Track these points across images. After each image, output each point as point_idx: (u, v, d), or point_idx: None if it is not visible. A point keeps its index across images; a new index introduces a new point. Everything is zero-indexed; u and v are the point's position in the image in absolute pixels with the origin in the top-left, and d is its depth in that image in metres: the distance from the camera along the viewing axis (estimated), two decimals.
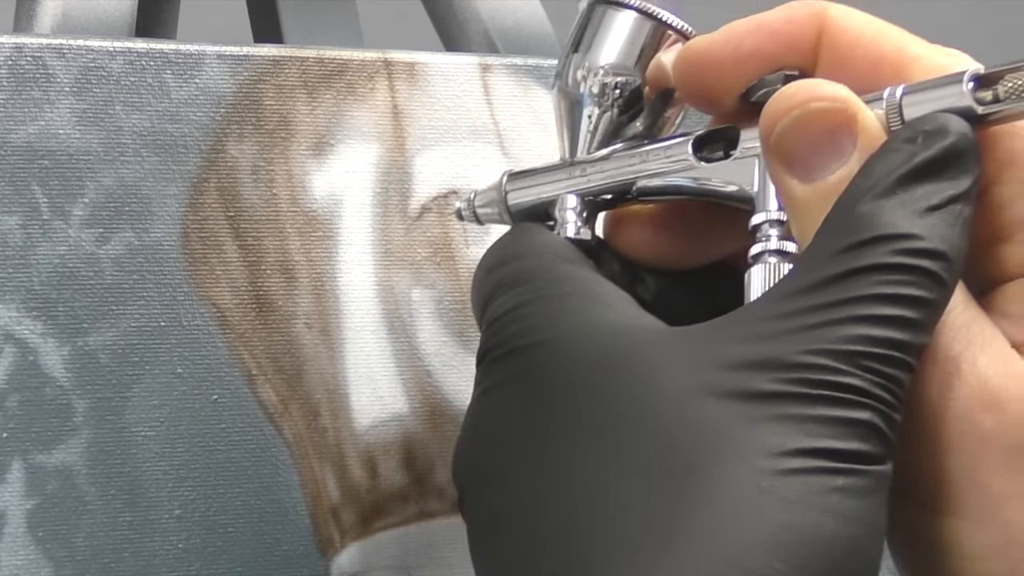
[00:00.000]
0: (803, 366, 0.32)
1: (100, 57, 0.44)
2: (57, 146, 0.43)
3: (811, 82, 0.35)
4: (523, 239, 0.39)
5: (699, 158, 0.38)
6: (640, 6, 0.39)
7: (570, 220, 0.39)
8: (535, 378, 0.35)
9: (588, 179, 0.40)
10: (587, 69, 0.39)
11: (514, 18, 0.55)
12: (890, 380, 0.32)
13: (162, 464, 0.43)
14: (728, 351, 0.32)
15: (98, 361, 0.43)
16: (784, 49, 0.36)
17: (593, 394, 0.33)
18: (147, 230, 0.44)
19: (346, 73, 0.47)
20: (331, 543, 0.45)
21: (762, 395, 0.31)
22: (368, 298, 0.46)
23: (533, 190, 0.41)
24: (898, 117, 0.34)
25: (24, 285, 0.42)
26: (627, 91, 0.39)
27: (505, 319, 0.36)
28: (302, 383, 0.45)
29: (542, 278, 0.37)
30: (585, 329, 0.35)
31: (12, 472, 0.42)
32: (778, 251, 0.35)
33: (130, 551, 0.43)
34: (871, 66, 0.36)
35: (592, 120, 0.39)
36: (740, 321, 0.33)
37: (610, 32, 0.39)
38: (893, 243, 0.32)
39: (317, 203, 0.46)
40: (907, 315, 0.32)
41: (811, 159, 0.34)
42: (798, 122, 0.34)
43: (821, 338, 0.32)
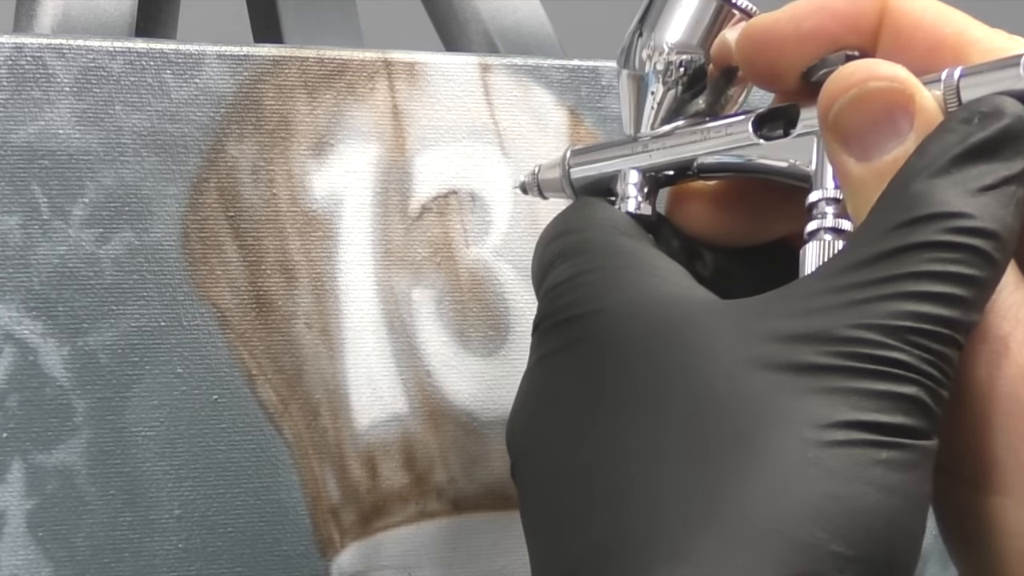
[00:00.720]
0: (851, 340, 0.32)
1: (100, 57, 0.44)
2: (57, 146, 0.43)
3: (870, 62, 0.35)
4: (584, 212, 0.39)
5: (759, 136, 0.38)
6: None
7: (631, 195, 0.40)
8: (590, 346, 0.35)
9: (650, 155, 0.40)
10: (652, 48, 0.40)
11: (514, 18, 0.55)
12: (938, 356, 0.32)
13: (162, 464, 0.43)
14: (778, 324, 0.33)
15: (98, 361, 0.43)
16: (845, 29, 0.37)
17: (646, 363, 0.34)
18: (147, 230, 0.44)
19: (346, 73, 0.47)
20: (331, 543, 0.45)
21: (810, 367, 0.32)
22: (368, 298, 0.46)
23: (596, 165, 0.41)
24: (955, 99, 0.34)
25: (24, 285, 0.42)
26: (691, 69, 0.39)
27: (563, 287, 0.37)
28: (302, 383, 0.45)
29: (601, 250, 0.37)
30: (640, 300, 0.35)
31: (12, 472, 0.42)
32: (833, 228, 0.36)
33: (130, 551, 0.43)
34: (931, 48, 0.36)
35: (656, 97, 0.40)
36: (791, 295, 0.34)
37: (675, 11, 0.40)
38: (945, 221, 0.32)
39: (317, 203, 0.46)
40: (956, 292, 0.32)
41: (868, 138, 0.35)
42: (856, 101, 0.35)
43: (870, 313, 0.32)
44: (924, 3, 0.37)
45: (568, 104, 0.49)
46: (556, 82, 0.49)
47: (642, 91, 0.40)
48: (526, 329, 0.48)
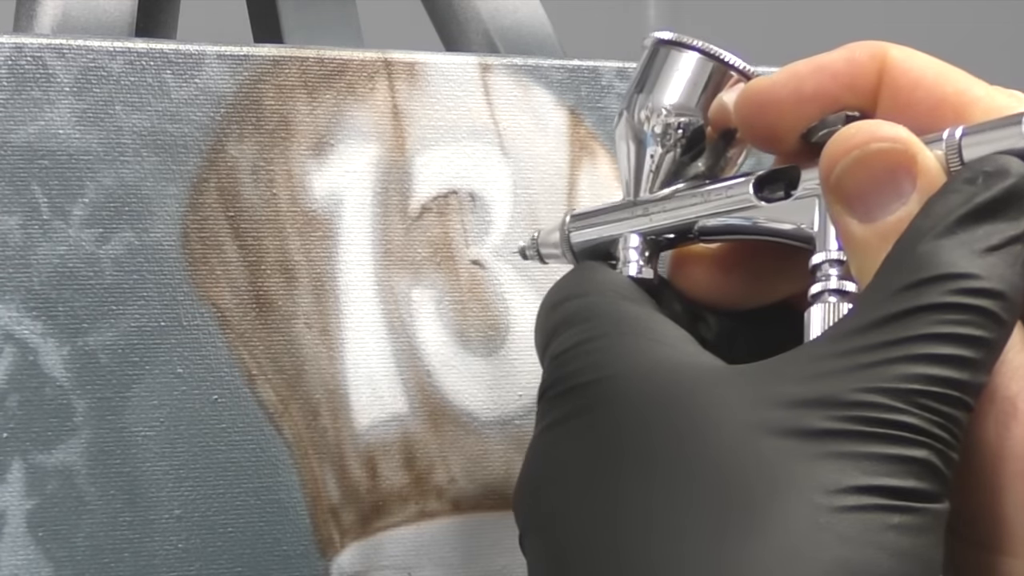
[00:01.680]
0: (860, 404, 0.32)
1: (100, 57, 0.44)
2: (57, 146, 0.43)
3: (871, 123, 0.35)
4: (586, 277, 0.39)
5: (760, 198, 0.38)
6: (703, 47, 0.39)
7: (632, 259, 0.40)
8: (597, 414, 0.35)
9: (650, 219, 0.40)
10: (650, 109, 0.39)
11: (514, 18, 0.55)
12: (947, 419, 0.32)
13: (162, 464, 0.43)
14: (786, 389, 0.33)
15: (98, 361, 0.43)
16: (844, 90, 0.37)
17: (653, 431, 0.34)
18: (147, 230, 0.44)
19: (346, 73, 0.47)
20: (331, 543, 0.45)
21: (819, 433, 0.32)
22: (368, 298, 0.46)
23: (596, 229, 0.41)
24: (957, 158, 0.34)
25: (24, 285, 0.42)
26: (689, 131, 0.39)
27: (568, 355, 0.37)
28: (302, 383, 0.45)
29: (605, 315, 0.37)
30: (647, 366, 0.35)
31: (12, 472, 0.42)
32: (837, 291, 0.35)
33: (130, 551, 0.43)
34: (932, 107, 0.36)
35: (655, 160, 0.40)
36: (798, 359, 0.33)
37: (673, 73, 0.40)
38: (952, 282, 0.32)
39: (317, 203, 0.46)
40: (965, 354, 0.32)
41: (871, 199, 0.34)
42: (858, 162, 0.34)
43: (878, 376, 0.32)
44: (924, 62, 0.37)
45: (568, 104, 0.49)
46: (556, 82, 0.49)
47: (640, 153, 0.40)
48: (526, 329, 0.48)
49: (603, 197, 0.49)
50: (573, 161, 0.49)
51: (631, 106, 0.40)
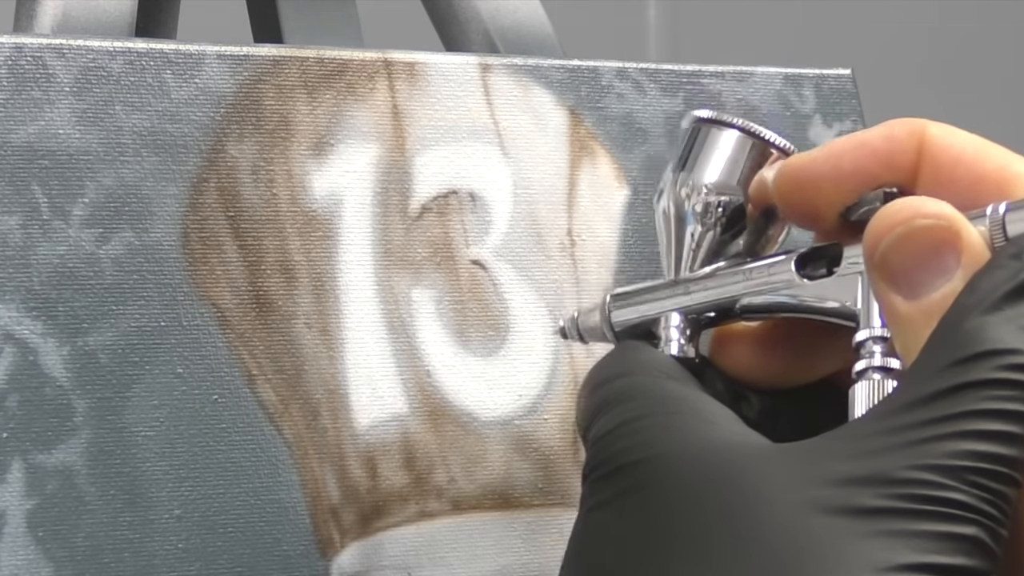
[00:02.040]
0: (908, 481, 0.32)
1: (100, 57, 0.44)
2: (57, 146, 0.43)
3: (915, 200, 0.35)
4: (628, 357, 0.39)
5: (802, 276, 0.38)
6: (743, 125, 0.39)
7: (674, 338, 0.40)
8: (645, 494, 0.35)
9: (691, 297, 0.40)
10: (691, 187, 0.39)
11: (514, 18, 0.55)
12: (997, 495, 0.32)
13: (162, 464, 0.43)
14: (834, 467, 0.33)
15: (98, 361, 0.43)
16: (883, 168, 0.37)
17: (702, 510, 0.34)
18: (147, 230, 0.44)
19: (346, 73, 0.47)
20: (331, 543, 0.45)
21: (868, 511, 0.32)
22: (368, 298, 0.46)
23: (637, 308, 0.41)
24: (1001, 233, 0.34)
25: (24, 285, 0.42)
26: (730, 209, 0.39)
27: (612, 435, 0.36)
28: (302, 383, 0.45)
29: (649, 395, 0.37)
30: (693, 446, 0.35)
31: (12, 472, 0.42)
32: (882, 367, 0.35)
33: (130, 551, 0.43)
34: (973, 183, 0.36)
35: (695, 238, 0.40)
36: (845, 437, 0.33)
37: (714, 151, 0.40)
38: (1000, 358, 0.32)
39: (317, 203, 0.46)
40: (1013, 430, 0.32)
41: (915, 276, 0.35)
42: (903, 239, 0.35)
43: (927, 453, 0.32)
44: (964, 139, 0.37)
45: (568, 104, 0.49)
46: (556, 82, 0.49)
47: (681, 232, 0.40)
48: (526, 329, 0.48)
49: (603, 197, 0.49)
50: (573, 161, 0.49)
51: (672, 184, 0.40)
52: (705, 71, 0.52)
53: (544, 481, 0.48)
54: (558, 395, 0.48)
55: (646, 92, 0.51)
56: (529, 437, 0.48)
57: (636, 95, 0.51)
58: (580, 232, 0.49)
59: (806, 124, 0.54)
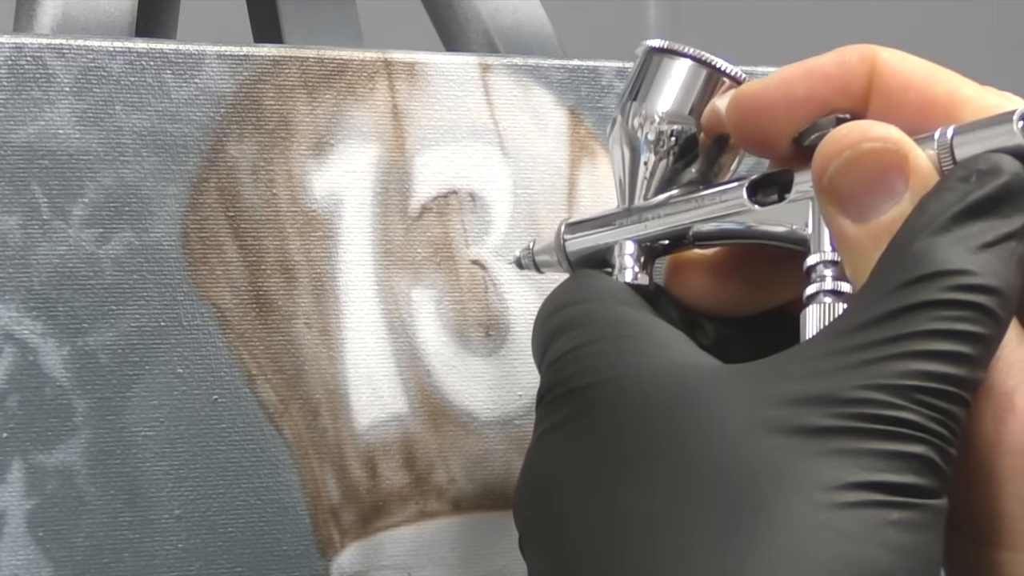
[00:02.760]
0: (858, 401, 0.32)
1: (100, 57, 0.44)
2: (57, 146, 0.43)
3: (862, 123, 0.35)
4: (583, 284, 0.40)
5: (754, 202, 0.38)
6: (695, 54, 0.39)
7: (628, 266, 0.40)
8: (596, 417, 0.35)
9: (645, 225, 0.40)
10: (643, 117, 0.40)
11: (514, 18, 0.55)
12: (945, 415, 0.32)
13: (162, 464, 0.43)
14: (784, 388, 0.33)
15: (98, 361, 0.43)
16: (835, 93, 0.37)
17: (653, 433, 0.34)
18: (147, 230, 0.44)
19: (346, 73, 0.47)
20: (331, 543, 0.45)
21: (818, 430, 0.32)
22: (368, 298, 0.46)
23: (591, 237, 0.41)
24: (949, 157, 0.34)
25: (24, 285, 0.42)
26: (683, 138, 0.39)
27: (565, 359, 0.37)
28: (302, 383, 0.45)
29: (602, 320, 0.37)
30: (645, 369, 0.35)
31: (12, 472, 0.42)
32: (833, 291, 0.36)
33: (130, 551, 0.43)
34: (922, 108, 0.36)
35: (648, 167, 0.40)
36: (796, 358, 0.34)
37: (666, 80, 0.40)
38: (948, 279, 0.32)
39: (317, 203, 0.46)
40: (962, 350, 0.32)
41: (863, 199, 0.35)
42: (850, 163, 0.35)
43: (876, 373, 0.32)
44: (914, 64, 0.37)
45: (568, 104, 0.49)
46: (556, 82, 0.49)
47: (634, 161, 0.40)
48: (526, 329, 0.48)
49: (603, 197, 0.49)
50: (573, 161, 0.50)
51: (624, 114, 0.40)
52: None
53: None
54: None
55: None
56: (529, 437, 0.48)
57: None
58: None
59: None
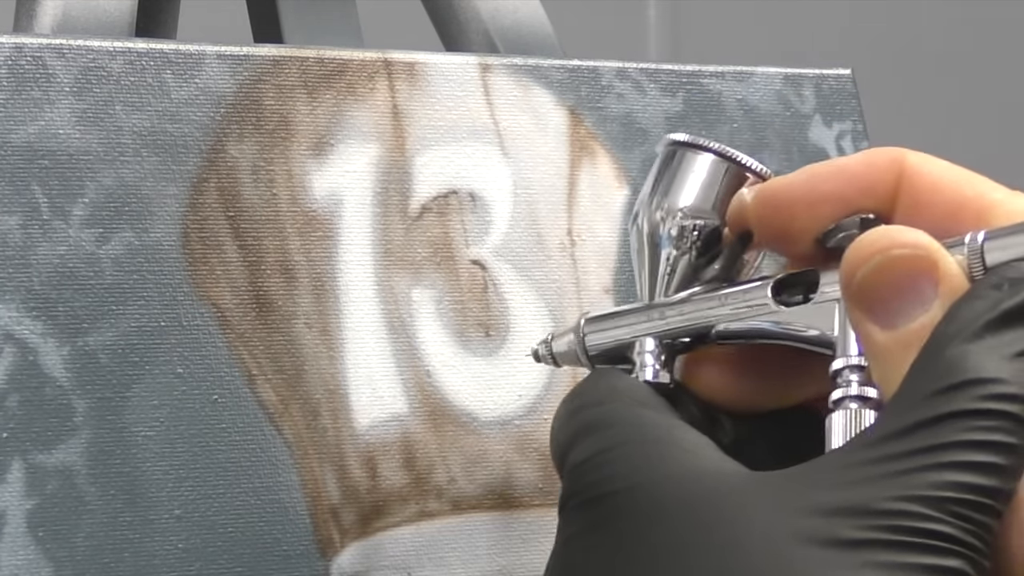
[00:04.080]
0: (892, 512, 0.32)
1: (100, 57, 0.44)
2: (57, 146, 0.43)
3: (891, 228, 0.35)
4: (602, 384, 0.39)
5: (778, 302, 0.38)
6: (719, 149, 0.39)
7: (648, 363, 0.39)
8: (620, 526, 0.35)
9: (666, 322, 0.40)
10: (666, 211, 0.39)
11: (514, 18, 0.55)
12: (980, 527, 0.32)
13: (162, 464, 0.43)
14: (816, 497, 0.32)
15: (98, 361, 0.43)
16: (861, 193, 0.37)
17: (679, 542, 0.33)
18: (147, 230, 0.44)
19: (346, 73, 0.47)
20: (331, 543, 0.45)
21: (851, 542, 0.32)
22: (368, 298, 0.46)
23: (611, 332, 0.41)
24: (980, 262, 0.34)
25: (24, 285, 0.42)
26: (705, 233, 0.39)
27: (587, 465, 0.36)
28: (302, 383, 0.45)
29: (624, 424, 0.37)
30: (670, 476, 0.35)
31: (12, 472, 0.42)
32: (859, 397, 0.35)
33: (130, 551, 0.43)
34: (951, 212, 0.36)
35: (670, 262, 0.39)
36: (827, 467, 0.33)
37: (689, 174, 0.39)
38: (981, 387, 0.32)
39: (317, 203, 0.46)
40: (996, 461, 0.32)
41: (893, 306, 0.34)
42: (879, 269, 0.34)
43: (910, 484, 0.32)
44: (942, 166, 0.37)
45: (568, 104, 0.49)
46: (556, 82, 0.49)
47: (656, 256, 0.40)
48: (526, 329, 0.48)
49: (603, 197, 0.49)
50: (573, 161, 0.50)
51: (646, 208, 0.39)
52: (705, 71, 0.52)
53: (544, 481, 0.48)
54: (558, 395, 0.48)
55: (646, 92, 0.51)
56: (529, 437, 0.48)
57: (636, 95, 0.51)
58: (580, 232, 0.49)
59: (806, 124, 0.54)
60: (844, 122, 0.54)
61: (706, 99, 0.52)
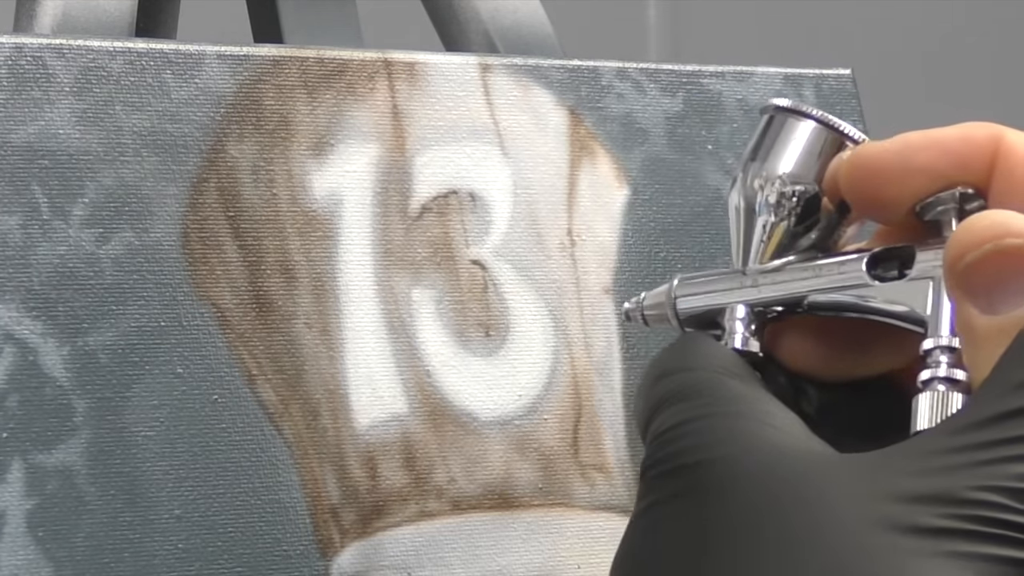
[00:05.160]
0: (975, 503, 0.31)
1: (100, 57, 0.44)
2: (57, 146, 0.43)
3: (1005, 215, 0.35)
4: (690, 350, 0.39)
5: (873, 276, 0.38)
6: (821, 116, 0.39)
7: (738, 331, 0.39)
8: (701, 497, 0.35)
9: (759, 290, 0.39)
10: (765, 178, 0.39)
11: (514, 18, 0.55)
12: None
13: (162, 464, 0.43)
14: (899, 483, 0.32)
15: (98, 361, 0.43)
16: (955, 167, 0.36)
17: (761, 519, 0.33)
18: (147, 230, 0.44)
19: (346, 73, 0.47)
20: (331, 543, 0.45)
21: (933, 530, 0.31)
22: (368, 298, 0.46)
23: (703, 297, 0.40)
24: None
25: (24, 285, 0.42)
26: (804, 201, 0.39)
27: (672, 433, 0.36)
28: (302, 383, 0.45)
29: (710, 393, 0.37)
30: (756, 451, 0.35)
31: (12, 472, 0.42)
32: (947, 379, 0.35)
33: (130, 551, 0.43)
34: None
35: (767, 229, 0.39)
36: (912, 452, 0.33)
37: (789, 141, 0.39)
38: None
39: (317, 203, 0.46)
40: None
41: (997, 293, 0.34)
42: (989, 256, 0.34)
43: (994, 474, 0.32)
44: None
45: (568, 104, 0.49)
46: (556, 82, 0.49)
47: (752, 222, 0.39)
48: (526, 329, 0.48)
49: (603, 197, 0.49)
50: (573, 161, 0.50)
51: (745, 174, 0.39)
52: (705, 71, 0.52)
53: (544, 481, 0.48)
54: (558, 395, 0.48)
55: (646, 92, 0.51)
56: (529, 437, 0.48)
57: (636, 95, 0.51)
58: (580, 232, 0.49)
59: None
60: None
61: (706, 99, 0.52)
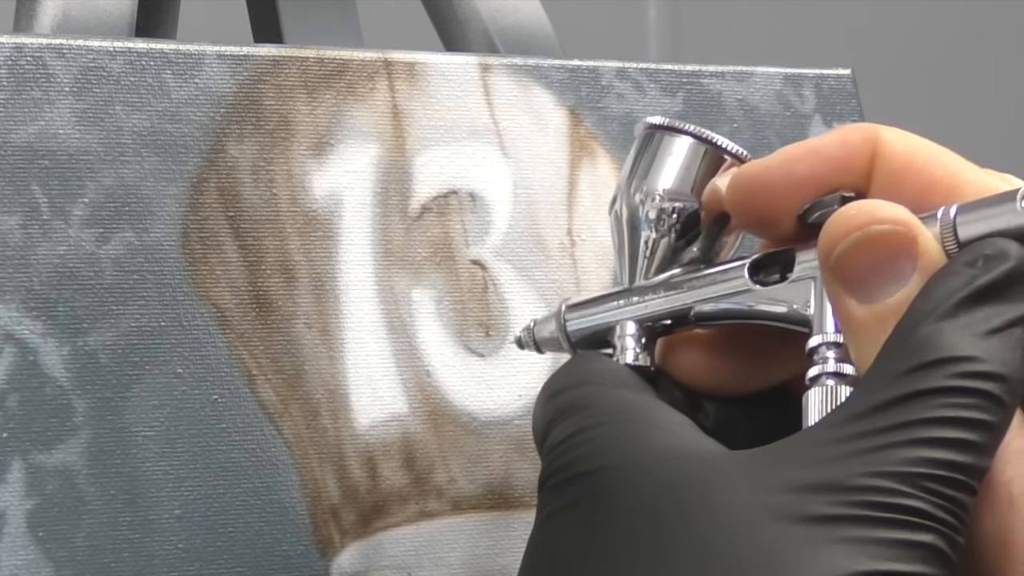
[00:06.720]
0: (865, 488, 0.32)
1: (100, 57, 0.44)
2: (57, 146, 0.43)
3: (871, 203, 0.35)
4: (583, 366, 0.39)
5: (756, 281, 0.38)
6: (696, 132, 0.39)
7: (629, 347, 0.40)
8: (597, 504, 0.35)
9: (646, 305, 0.40)
10: (644, 194, 0.39)
11: (514, 18, 0.55)
12: (953, 503, 0.32)
13: (162, 464, 0.43)
14: (789, 474, 0.33)
15: (98, 361, 0.43)
16: (837, 173, 0.37)
17: (655, 519, 0.34)
18: (147, 230, 0.44)
19: (346, 73, 0.47)
20: (331, 543, 0.45)
21: (825, 518, 0.32)
22: (368, 298, 0.46)
23: (592, 318, 0.41)
24: (952, 236, 0.34)
25: (24, 285, 0.42)
26: (684, 216, 0.39)
27: (565, 444, 0.36)
28: (302, 383, 0.45)
29: (602, 404, 0.37)
30: (646, 454, 0.35)
31: (12, 472, 0.42)
32: (835, 373, 0.35)
33: (130, 551, 0.43)
34: (923, 189, 0.36)
35: (649, 245, 0.40)
36: (800, 444, 0.33)
37: (667, 157, 0.39)
38: (954, 365, 0.32)
39: (317, 203, 0.46)
40: (969, 438, 0.32)
41: (871, 281, 0.34)
42: (859, 244, 0.34)
43: (883, 461, 0.32)
44: (915, 143, 0.37)
45: (568, 104, 0.50)
46: (556, 82, 0.49)
47: (635, 239, 0.40)
48: None
49: (603, 197, 0.49)
50: (573, 161, 0.50)
51: (626, 191, 0.40)
52: (705, 71, 0.53)
53: None
54: None
55: (646, 92, 0.51)
56: (529, 437, 0.48)
57: (636, 95, 0.51)
58: (580, 232, 0.49)
59: (806, 124, 0.54)
60: (844, 122, 0.54)
61: (706, 99, 0.52)
